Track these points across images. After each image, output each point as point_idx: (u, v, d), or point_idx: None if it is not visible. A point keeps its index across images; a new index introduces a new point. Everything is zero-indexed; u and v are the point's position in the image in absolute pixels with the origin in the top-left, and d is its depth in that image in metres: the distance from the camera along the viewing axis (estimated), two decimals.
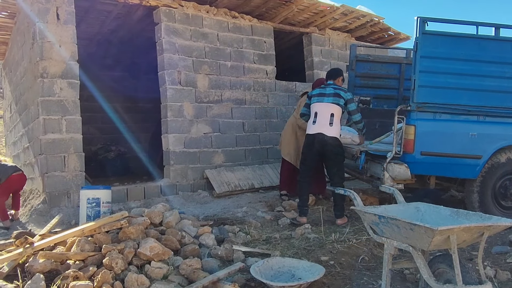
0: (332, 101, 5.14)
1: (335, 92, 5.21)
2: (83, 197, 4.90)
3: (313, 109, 5.22)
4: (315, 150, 5.14)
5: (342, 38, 9.04)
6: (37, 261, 3.33)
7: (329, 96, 5.17)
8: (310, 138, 5.17)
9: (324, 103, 5.16)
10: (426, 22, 4.64)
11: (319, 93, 5.27)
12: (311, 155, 5.22)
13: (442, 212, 3.02)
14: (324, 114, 5.13)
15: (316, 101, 5.22)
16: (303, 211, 5.20)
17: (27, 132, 6.72)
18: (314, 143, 5.12)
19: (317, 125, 5.13)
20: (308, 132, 5.22)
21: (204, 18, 7.03)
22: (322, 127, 5.10)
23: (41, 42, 5.53)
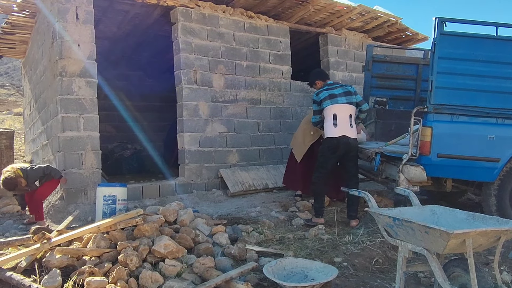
0: (346, 101, 5.07)
1: (344, 90, 5.15)
2: (100, 194, 4.98)
3: (330, 112, 5.07)
4: (338, 153, 5.05)
5: (359, 38, 8.98)
6: (54, 257, 3.39)
7: (341, 96, 5.09)
8: (334, 141, 5.01)
9: (340, 105, 5.06)
10: (445, 23, 4.58)
11: (329, 94, 5.12)
12: (333, 159, 5.12)
13: (458, 215, 2.99)
14: (344, 115, 5.05)
15: (330, 103, 5.07)
16: (321, 212, 5.14)
17: (46, 130, 6.85)
18: (339, 147, 5.01)
19: (339, 128, 5.01)
20: (330, 135, 5.04)
21: (220, 18, 7.06)
22: (345, 130, 5.02)
23: (60, 41, 5.63)
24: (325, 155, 5.13)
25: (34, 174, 5.15)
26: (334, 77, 8.52)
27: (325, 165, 5.15)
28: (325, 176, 5.17)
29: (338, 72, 8.59)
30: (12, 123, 15.23)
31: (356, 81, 8.77)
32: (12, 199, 6.25)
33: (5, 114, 18.40)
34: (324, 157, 5.14)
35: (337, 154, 5.07)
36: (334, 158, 5.12)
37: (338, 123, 5.02)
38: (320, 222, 5.02)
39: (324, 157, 5.14)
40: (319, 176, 5.15)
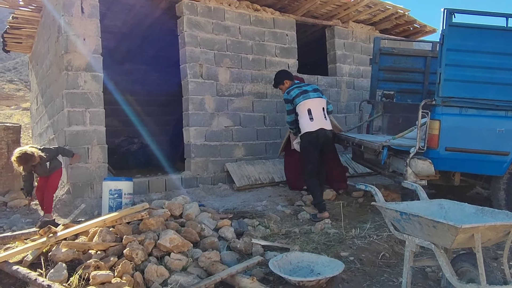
0: (317, 96, 5.31)
1: (314, 87, 5.41)
2: (106, 188, 4.99)
3: (304, 107, 5.23)
4: (319, 146, 5.21)
5: (366, 31, 8.89)
6: (60, 250, 3.40)
7: (313, 92, 5.32)
8: (313, 135, 5.18)
9: (312, 99, 5.26)
10: (453, 14, 4.51)
11: (300, 91, 5.31)
12: (316, 152, 5.25)
13: (466, 209, 2.95)
14: (318, 109, 5.25)
15: (303, 99, 5.24)
16: (323, 207, 5.16)
17: (52, 124, 6.87)
18: (318, 139, 5.18)
19: (315, 121, 5.19)
20: (309, 130, 5.19)
21: (226, 11, 7.02)
22: (321, 123, 5.22)
23: (66, 35, 5.62)
24: (308, 150, 5.26)
25: (48, 152, 5.05)
26: (341, 70, 8.46)
27: (311, 160, 5.27)
28: (314, 169, 5.26)
29: (344, 65, 8.51)
30: (20, 118, 15.35)
31: (363, 74, 8.70)
32: (19, 193, 6.30)
33: (14, 109, 18.54)
34: (308, 152, 5.26)
35: (318, 147, 5.24)
36: (316, 151, 5.25)
37: (314, 117, 5.20)
38: (325, 217, 5.04)
39: (308, 153, 5.27)
40: (309, 172, 5.25)
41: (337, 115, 8.36)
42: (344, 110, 8.49)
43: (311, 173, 5.26)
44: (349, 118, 8.50)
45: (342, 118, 8.44)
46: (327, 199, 5.85)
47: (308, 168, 5.28)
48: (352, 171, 7.78)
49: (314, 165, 5.27)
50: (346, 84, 8.53)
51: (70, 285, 3.04)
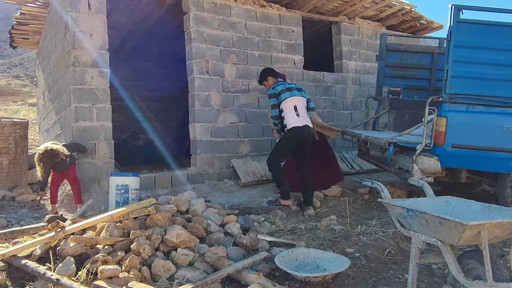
0: (300, 95, 5.46)
1: (296, 86, 5.56)
2: (113, 183, 5.01)
3: (291, 103, 5.33)
4: (300, 142, 5.33)
5: (372, 27, 8.85)
6: (68, 245, 3.43)
7: (298, 91, 5.47)
8: (299, 130, 5.28)
9: (297, 97, 5.39)
10: (461, 10, 4.49)
11: (286, 88, 5.42)
12: (295, 147, 5.39)
13: (473, 206, 2.94)
14: (302, 107, 5.40)
15: (289, 95, 5.35)
16: (288, 194, 5.39)
17: (59, 120, 6.91)
18: (303, 135, 5.30)
19: (301, 118, 5.32)
20: (296, 125, 5.28)
21: (232, 7, 7.01)
22: (306, 120, 5.36)
23: (73, 31, 5.65)
24: (288, 144, 5.36)
25: (68, 148, 5.25)
26: (347, 66, 8.44)
27: (286, 153, 5.44)
28: (281, 163, 5.48)
29: (351, 61, 8.49)
30: (27, 113, 15.44)
31: (369, 70, 8.68)
32: (27, 188, 6.35)
33: (20, 105, 18.65)
34: (287, 146, 5.38)
35: (299, 143, 5.34)
36: (295, 147, 5.37)
37: (300, 114, 5.32)
38: (288, 204, 5.28)
39: (287, 146, 5.38)
40: (278, 162, 5.43)
41: (343, 111, 8.36)
42: (350, 107, 8.47)
43: (279, 163, 5.43)
44: (355, 114, 8.48)
45: (348, 114, 8.43)
46: (332, 195, 5.87)
47: (279, 159, 5.44)
48: (357, 168, 7.78)
49: (284, 159, 5.51)
50: (352, 80, 8.51)
51: (78, 279, 3.07)
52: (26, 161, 6.66)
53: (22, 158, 6.50)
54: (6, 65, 30.26)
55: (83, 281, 3.05)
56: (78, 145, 5.49)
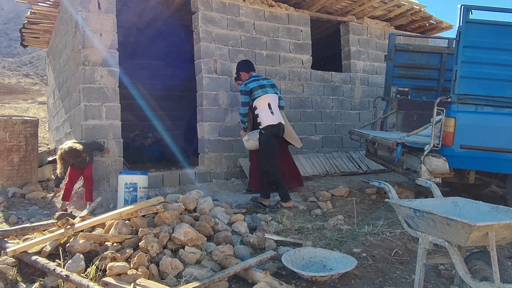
0: (273, 92, 5.48)
1: (270, 82, 5.56)
2: (121, 181, 5.06)
3: (265, 101, 5.34)
4: (279, 139, 5.42)
5: (381, 27, 8.82)
6: (77, 242, 3.48)
7: (271, 87, 5.48)
8: (276, 128, 5.33)
9: (270, 94, 5.41)
10: (470, 10, 4.46)
11: (259, 85, 5.41)
12: (277, 145, 5.41)
13: (481, 207, 2.93)
14: (275, 104, 5.44)
15: (262, 93, 5.36)
16: (289, 196, 5.37)
17: (69, 118, 6.98)
18: (279, 133, 5.38)
19: (275, 115, 5.36)
20: (271, 123, 5.30)
21: (240, 7, 7.03)
22: (280, 117, 5.42)
23: (83, 30, 5.70)
24: (271, 144, 5.33)
25: (89, 147, 5.37)
26: (355, 66, 8.42)
27: (274, 153, 5.36)
28: (276, 163, 5.37)
29: (359, 61, 8.47)
30: (36, 112, 15.58)
31: (378, 70, 8.65)
32: (37, 186, 6.42)
33: (30, 103, 18.83)
34: (271, 146, 5.34)
35: (277, 140, 5.40)
36: (277, 144, 5.40)
37: (274, 112, 5.36)
38: (291, 205, 5.27)
39: (271, 146, 5.34)
40: (273, 165, 5.31)
41: (350, 111, 8.35)
42: (358, 107, 8.46)
43: (275, 164, 5.34)
44: (363, 114, 8.46)
45: (356, 114, 8.42)
46: (339, 195, 5.87)
47: (272, 160, 5.32)
48: (365, 168, 7.77)
49: (276, 158, 5.36)
50: (360, 80, 8.49)
51: (88, 276, 3.11)
52: (36, 158, 6.73)
53: (32, 156, 6.56)
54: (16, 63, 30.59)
55: (92, 277, 3.09)
56: (97, 144, 5.60)
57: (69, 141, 5.31)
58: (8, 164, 6.27)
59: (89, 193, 5.38)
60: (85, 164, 5.33)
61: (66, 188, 5.37)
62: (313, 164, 7.43)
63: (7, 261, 3.41)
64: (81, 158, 5.19)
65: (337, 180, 6.98)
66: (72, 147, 5.08)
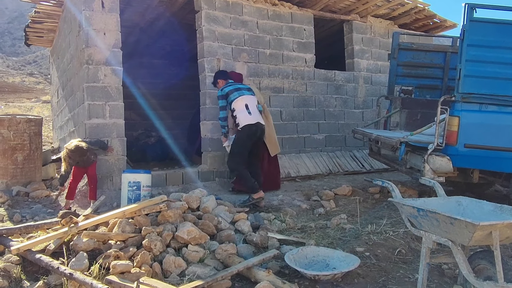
0: (251, 94, 5.65)
1: (247, 87, 5.77)
2: (125, 180, 5.07)
3: (242, 102, 5.48)
4: (255, 139, 5.47)
5: (385, 25, 8.80)
6: (81, 240, 3.49)
7: (247, 90, 5.66)
8: (253, 128, 5.42)
9: (247, 96, 5.55)
10: (475, 9, 4.44)
11: (235, 88, 5.60)
12: (250, 145, 5.48)
13: (485, 207, 2.92)
14: (253, 105, 5.55)
15: (238, 95, 5.51)
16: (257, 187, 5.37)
17: (73, 117, 7.00)
18: (257, 132, 5.45)
19: (253, 115, 5.46)
20: (248, 122, 5.40)
21: (244, 5, 7.03)
22: (258, 117, 5.51)
23: (86, 30, 5.71)
24: (244, 143, 5.44)
25: (94, 145, 5.41)
26: (359, 65, 8.41)
27: (244, 152, 5.46)
28: (243, 162, 5.47)
29: (362, 60, 8.45)
30: (40, 111, 15.64)
31: (381, 69, 8.63)
32: (41, 184, 6.44)
33: (34, 102, 18.90)
34: (243, 145, 5.44)
35: (254, 140, 5.48)
36: (251, 144, 5.48)
37: (251, 112, 5.48)
38: (262, 196, 5.35)
39: (243, 145, 5.44)
40: (240, 162, 5.44)
41: (354, 110, 8.33)
42: (361, 106, 8.44)
43: (241, 163, 5.45)
44: (366, 113, 8.45)
45: (359, 113, 8.40)
46: (343, 194, 5.86)
47: (240, 159, 5.44)
48: (368, 167, 7.76)
49: (245, 158, 5.48)
50: (363, 79, 8.47)
51: (91, 274, 3.12)
52: (40, 157, 6.75)
53: (36, 155, 6.59)
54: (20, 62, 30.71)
55: (95, 275, 3.10)
56: (101, 143, 5.61)
57: (75, 140, 5.33)
58: (12, 162, 6.30)
59: (93, 192, 5.40)
60: (89, 162, 5.35)
61: (70, 186, 5.39)
62: (316, 163, 7.43)
63: (11, 259, 3.43)
64: (86, 157, 5.21)
65: (340, 179, 6.98)
66: (78, 146, 5.11)
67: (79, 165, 5.32)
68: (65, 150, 5.16)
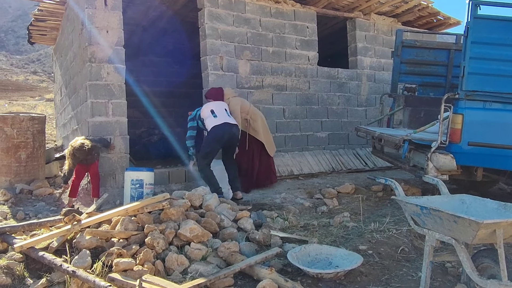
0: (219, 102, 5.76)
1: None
2: (128, 178, 5.08)
3: (207, 109, 5.63)
4: (223, 141, 5.46)
5: (388, 23, 8.77)
6: (84, 238, 3.49)
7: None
8: (218, 130, 5.41)
9: (213, 103, 5.72)
10: (479, 6, 4.42)
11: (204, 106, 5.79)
12: (218, 147, 5.54)
13: (488, 205, 2.91)
14: (221, 110, 5.60)
15: (204, 105, 5.79)
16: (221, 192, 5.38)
17: (76, 115, 7.01)
18: (223, 135, 5.42)
19: (219, 117, 5.48)
20: (214, 124, 5.44)
21: (246, 3, 7.02)
22: (225, 118, 5.51)
23: (89, 28, 5.72)
24: (211, 145, 5.48)
25: (97, 143, 5.40)
26: (362, 63, 8.38)
27: (212, 153, 5.52)
28: (210, 163, 5.54)
29: (366, 58, 8.43)
30: (44, 109, 15.69)
31: (385, 67, 8.60)
32: (44, 182, 6.45)
33: (37, 100, 18.96)
34: (210, 146, 5.48)
35: (222, 142, 5.48)
36: (219, 146, 5.53)
37: (217, 115, 5.51)
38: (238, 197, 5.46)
39: (211, 147, 5.48)
40: (207, 163, 5.51)
41: (357, 108, 8.31)
42: (364, 104, 8.42)
43: (208, 164, 5.51)
44: (369, 111, 8.42)
45: (362, 111, 8.38)
46: (345, 192, 5.85)
47: (206, 161, 5.50)
48: (371, 165, 7.74)
49: (212, 159, 5.55)
50: (367, 77, 8.45)
51: (94, 272, 3.13)
52: (43, 155, 6.77)
53: (39, 153, 6.60)
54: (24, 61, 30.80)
55: (98, 273, 3.10)
56: (104, 140, 5.64)
57: (80, 138, 5.34)
58: (16, 160, 6.31)
59: (95, 190, 5.41)
60: (93, 160, 5.36)
61: (73, 184, 5.40)
62: (319, 161, 7.42)
63: (14, 256, 3.44)
64: (91, 156, 5.22)
65: (343, 177, 6.97)
66: (84, 144, 5.12)
67: (83, 162, 5.33)
68: (70, 148, 5.17)
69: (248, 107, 6.11)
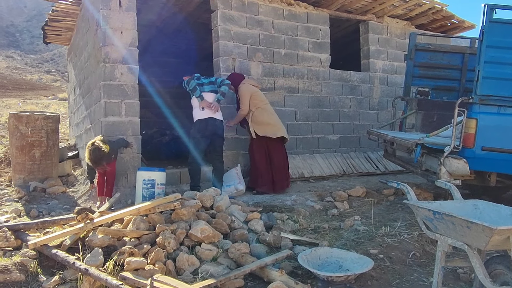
0: (210, 89, 5.75)
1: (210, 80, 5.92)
2: (139, 178, 5.12)
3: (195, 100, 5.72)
4: (207, 134, 5.61)
5: (401, 26, 8.71)
6: (96, 236, 3.53)
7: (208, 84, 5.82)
8: (203, 123, 5.58)
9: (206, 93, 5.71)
10: (494, 10, 4.37)
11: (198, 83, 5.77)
12: (204, 140, 5.63)
13: (502, 211, 2.88)
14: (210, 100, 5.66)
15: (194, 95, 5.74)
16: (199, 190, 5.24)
17: (89, 114, 7.08)
18: (207, 128, 5.58)
19: (206, 111, 5.60)
20: (199, 117, 5.61)
21: (259, 5, 7.03)
22: (210, 112, 5.60)
23: (104, 28, 5.78)
24: (196, 138, 5.62)
25: (116, 144, 5.47)
26: (374, 66, 8.35)
27: (199, 146, 5.61)
28: (199, 157, 5.63)
29: (378, 61, 8.39)
30: (57, 108, 15.85)
31: (397, 70, 8.55)
32: (58, 181, 6.54)
33: (51, 99, 19.17)
34: (196, 139, 5.62)
35: (206, 135, 5.61)
36: (204, 139, 5.63)
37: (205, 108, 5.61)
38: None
39: (196, 139, 5.62)
40: (195, 157, 5.61)
41: (369, 111, 8.28)
42: (376, 107, 8.38)
43: (197, 158, 5.61)
44: (381, 114, 8.38)
45: (374, 114, 8.34)
46: (356, 196, 5.83)
47: (194, 154, 5.60)
48: (383, 169, 7.70)
49: (201, 152, 5.64)
50: (379, 80, 8.41)
51: (106, 270, 3.16)
52: (57, 154, 6.86)
53: (53, 151, 6.70)
54: (38, 60, 31.18)
55: (110, 271, 3.14)
56: (124, 141, 5.71)
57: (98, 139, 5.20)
58: (30, 158, 6.41)
59: (109, 189, 5.43)
60: (110, 160, 5.35)
61: (98, 183, 5.42)
62: (330, 163, 7.40)
63: (28, 253, 3.49)
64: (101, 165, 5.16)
65: (354, 180, 6.94)
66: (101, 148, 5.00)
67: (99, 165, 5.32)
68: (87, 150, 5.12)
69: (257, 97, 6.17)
